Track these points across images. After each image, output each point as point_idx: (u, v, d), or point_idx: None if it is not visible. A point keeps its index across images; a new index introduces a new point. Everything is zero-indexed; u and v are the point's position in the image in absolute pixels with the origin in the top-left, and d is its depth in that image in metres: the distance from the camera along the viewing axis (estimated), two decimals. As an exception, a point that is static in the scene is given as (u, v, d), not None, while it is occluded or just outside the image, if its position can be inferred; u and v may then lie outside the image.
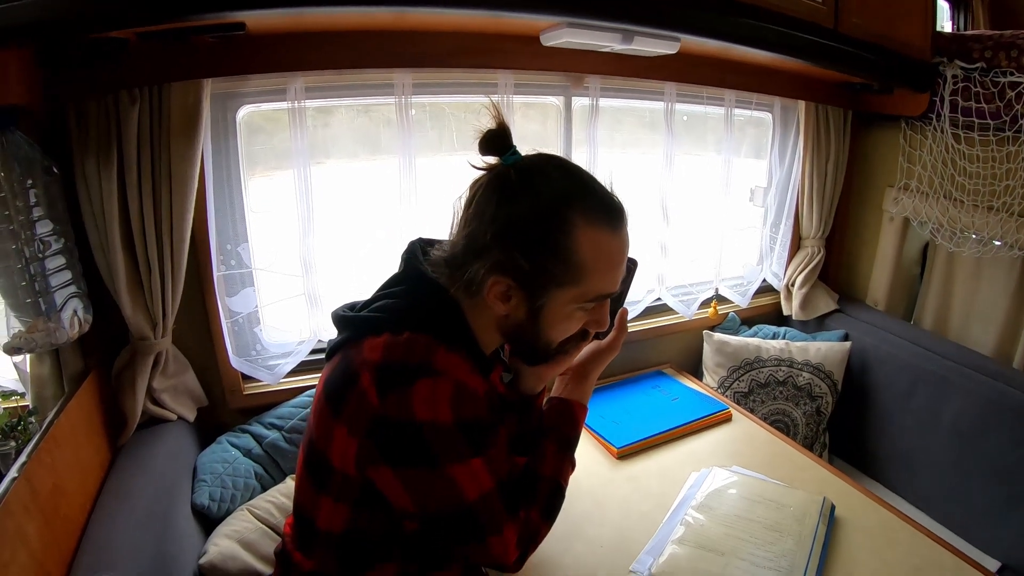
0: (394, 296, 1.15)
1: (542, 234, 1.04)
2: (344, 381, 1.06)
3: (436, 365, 1.03)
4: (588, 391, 1.41)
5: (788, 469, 1.81)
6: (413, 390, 1.00)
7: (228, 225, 1.75)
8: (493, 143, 1.08)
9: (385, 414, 1.00)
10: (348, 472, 1.06)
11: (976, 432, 2.12)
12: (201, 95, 1.52)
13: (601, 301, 1.15)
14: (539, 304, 1.10)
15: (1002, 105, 2.05)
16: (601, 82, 2.06)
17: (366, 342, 1.07)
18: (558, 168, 1.09)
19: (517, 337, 1.18)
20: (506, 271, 1.06)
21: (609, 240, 1.09)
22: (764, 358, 2.50)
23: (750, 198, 2.68)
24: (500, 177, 1.07)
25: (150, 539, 1.30)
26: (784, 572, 1.38)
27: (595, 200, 1.08)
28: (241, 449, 1.71)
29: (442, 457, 1.03)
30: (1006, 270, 2.28)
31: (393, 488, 1.06)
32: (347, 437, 1.04)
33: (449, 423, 1.01)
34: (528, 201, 1.04)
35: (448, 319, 1.12)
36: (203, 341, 1.79)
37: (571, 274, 1.07)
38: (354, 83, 1.78)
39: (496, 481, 1.10)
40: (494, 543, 1.12)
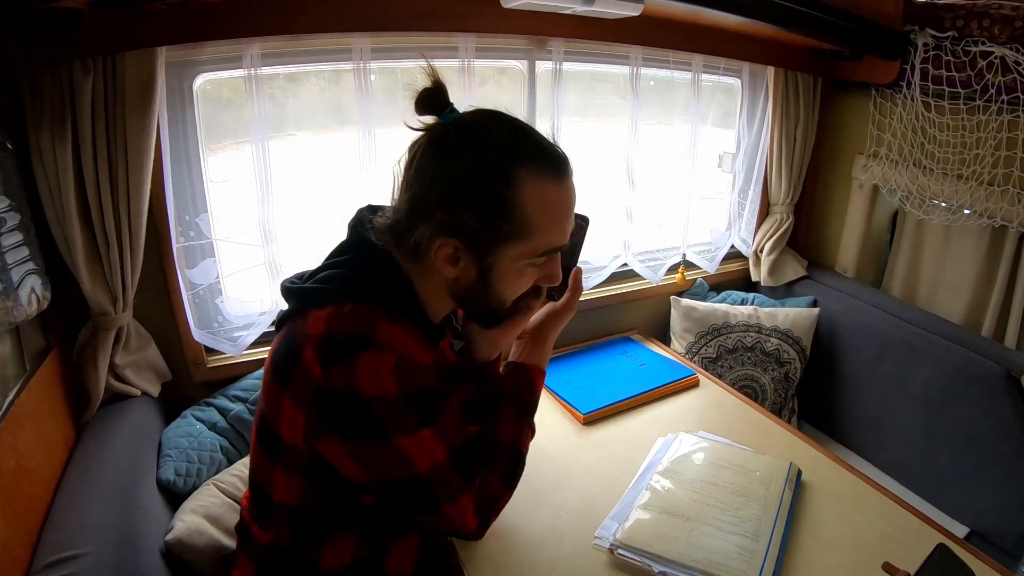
0: (339, 266, 1.13)
1: (487, 191, 1.02)
2: (289, 355, 1.04)
3: (379, 337, 1.02)
4: (546, 355, 1.40)
5: (755, 434, 1.82)
6: (356, 364, 0.98)
7: (187, 196, 1.72)
8: (429, 101, 1.05)
9: (329, 387, 0.99)
10: (298, 445, 1.05)
11: (945, 399, 2.14)
12: (155, 64, 1.48)
13: (552, 255, 1.14)
14: (488, 263, 1.08)
15: (973, 74, 2.04)
16: (565, 45, 2.03)
17: (311, 315, 1.06)
18: (499, 122, 1.07)
19: (469, 299, 1.16)
20: (452, 232, 1.05)
21: (555, 192, 1.07)
22: (732, 324, 2.51)
23: (718, 164, 2.67)
24: (439, 136, 1.05)
25: (116, 516, 1.29)
26: (750, 537, 1.38)
27: (538, 152, 1.06)
28: (206, 423, 1.69)
29: (390, 429, 1.02)
30: (975, 239, 2.29)
31: (343, 460, 1.05)
32: (294, 410, 1.03)
33: (394, 395, 1.00)
34: (470, 158, 1.02)
35: (393, 288, 1.11)
36: (165, 314, 1.76)
37: (519, 229, 1.05)
38: (311, 48, 1.74)
39: (449, 451, 1.09)
40: (450, 512, 1.12)
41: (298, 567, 1.16)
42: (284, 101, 1.83)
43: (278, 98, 1.82)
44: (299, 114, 1.85)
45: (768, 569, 1.30)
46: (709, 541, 1.37)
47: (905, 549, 1.39)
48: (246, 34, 1.58)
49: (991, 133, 2.09)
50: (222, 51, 1.64)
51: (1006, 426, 1.98)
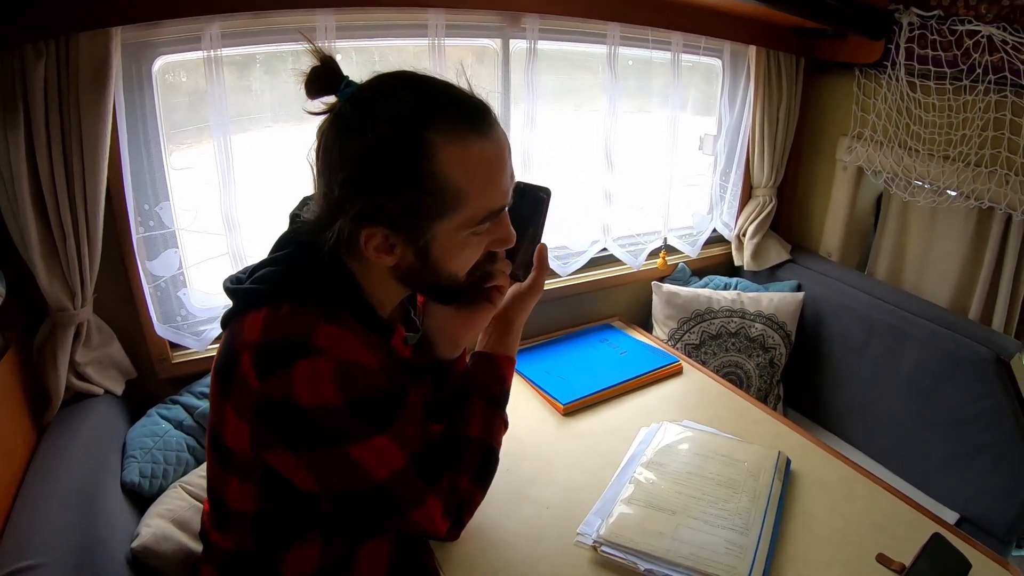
0: (276, 263, 1.05)
1: (400, 167, 0.91)
2: (227, 362, 0.97)
3: (316, 343, 0.93)
4: (514, 342, 1.31)
5: (742, 423, 1.78)
6: (293, 373, 0.91)
7: (146, 184, 1.64)
8: (320, 82, 0.94)
9: (268, 398, 0.92)
10: (245, 454, 0.99)
11: (933, 384, 2.12)
12: (110, 46, 1.41)
13: (495, 218, 1.03)
14: (424, 244, 0.98)
15: (959, 54, 2.00)
16: (540, 22, 1.96)
17: (247, 318, 0.98)
18: (401, 85, 0.95)
19: (418, 283, 1.08)
20: (375, 220, 0.95)
21: (479, 148, 0.95)
22: (715, 309, 2.47)
23: (699, 146, 2.62)
24: (339, 115, 0.94)
25: (78, 522, 1.23)
26: (739, 531, 1.33)
27: (451, 108, 0.94)
28: (172, 421, 1.63)
29: (338, 439, 0.95)
30: (961, 221, 2.26)
31: (294, 471, 0.98)
32: (237, 420, 0.97)
33: (338, 404, 0.92)
34: (374, 133, 0.90)
35: (333, 284, 1.02)
36: (127, 309, 1.69)
37: (448, 202, 0.94)
38: (273, 27, 1.66)
39: (408, 455, 1.02)
40: (417, 517, 1.06)
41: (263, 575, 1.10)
42: (261, 93, 1.77)
43: (254, 89, 1.76)
44: (276, 105, 1.79)
45: (759, 565, 1.25)
46: (696, 536, 1.32)
47: (898, 539, 1.36)
48: (204, 11, 1.50)
49: (978, 113, 2.05)
50: (180, 31, 1.56)
51: (996, 411, 1.97)
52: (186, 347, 1.80)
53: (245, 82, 1.74)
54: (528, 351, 2.12)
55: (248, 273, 1.06)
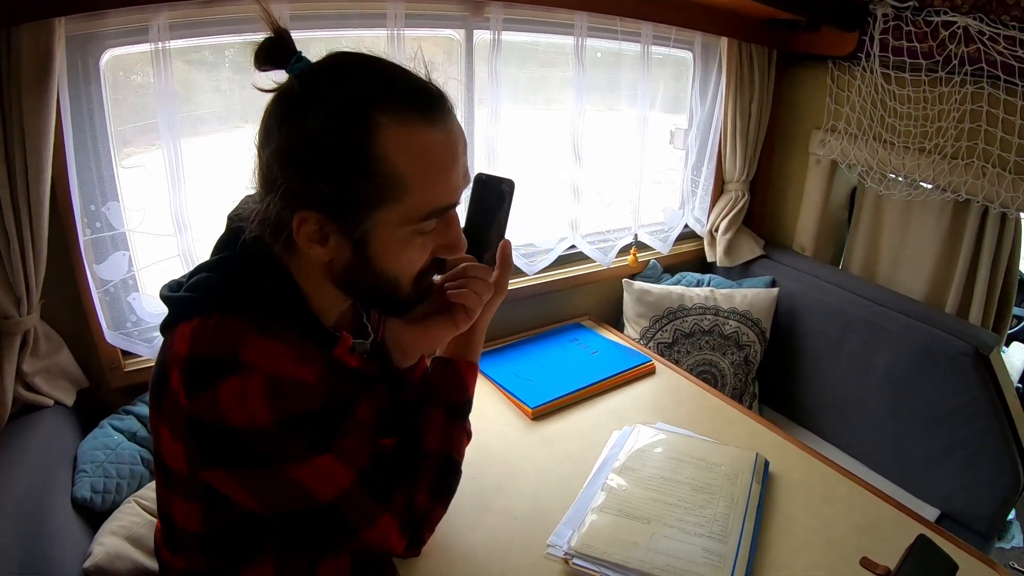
0: (209, 268, 0.98)
1: (339, 144, 0.85)
2: (159, 377, 0.91)
3: (244, 356, 0.87)
4: (477, 345, 1.25)
5: (717, 424, 1.74)
6: (219, 391, 0.84)
7: (93, 183, 1.56)
8: (270, 53, 0.87)
9: (198, 418, 0.85)
10: (183, 472, 0.92)
11: (911, 379, 2.10)
12: (53, 37, 1.33)
13: (442, 216, 0.96)
14: (360, 234, 0.90)
15: (935, 45, 1.98)
16: (504, 11, 1.90)
17: (178, 330, 0.92)
18: (352, 63, 0.89)
19: (354, 284, 0.99)
20: (308, 203, 0.88)
21: (428, 136, 0.89)
22: (688, 307, 2.42)
23: (670, 140, 2.58)
24: (284, 91, 0.88)
25: (26, 543, 1.17)
26: (717, 538, 1.28)
27: (401, 91, 0.88)
28: (125, 432, 1.56)
29: (276, 460, 0.88)
30: (936, 214, 2.24)
31: (235, 491, 0.92)
32: (172, 438, 0.90)
33: (270, 425, 0.86)
34: (317, 110, 0.84)
35: (268, 291, 0.95)
36: (75, 315, 1.61)
37: (388, 188, 0.87)
38: (224, 17, 1.59)
39: (356, 473, 0.96)
40: (370, 536, 1.01)
41: None
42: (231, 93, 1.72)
43: (223, 90, 1.71)
44: (245, 105, 1.72)
45: (739, 574, 1.21)
46: (673, 545, 1.27)
47: (881, 541, 1.33)
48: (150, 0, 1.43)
49: (954, 105, 2.04)
50: (127, 21, 1.49)
51: (975, 405, 1.96)
52: (138, 354, 1.72)
53: (213, 82, 1.69)
54: (495, 352, 2.07)
55: (187, 278, 0.99)
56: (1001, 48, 1.84)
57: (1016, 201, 1.96)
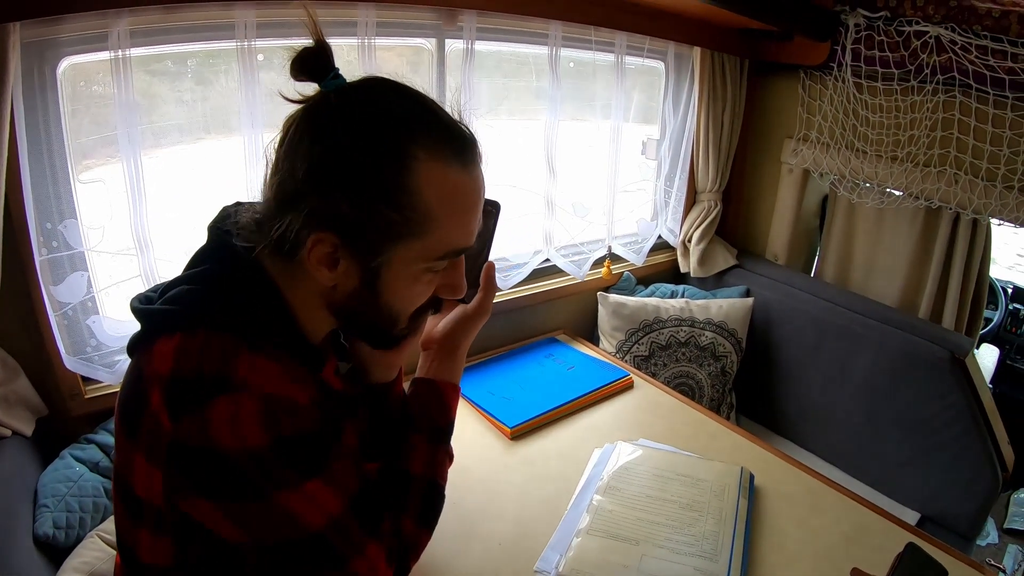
0: (192, 280, 0.92)
1: (373, 171, 0.83)
2: (134, 398, 0.84)
3: (237, 374, 0.82)
4: (458, 367, 1.21)
5: (699, 438, 1.71)
6: (210, 412, 0.79)
7: (49, 199, 1.48)
8: (309, 64, 0.86)
9: (183, 442, 0.80)
10: (158, 504, 0.85)
11: (887, 385, 2.11)
12: (7, 44, 1.26)
13: (454, 258, 0.95)
14: (375, 266, 0.88)
15: (907, 54, 1.98)
16: (477, 20, 1.86)
17: (157, 345, 0.85)
18: (392, 91, 0.88)
19: (352, 313, 0.96)
20: (328, 224, 0.84)
21: (460, 179, 0.89)
22: (664, 319, 2.40)
23: (642, 151, 2.56)
24: (318, 105, 0.86)
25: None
26: (708, 557, 1.25)
27: (441, 129, 0.87)
28: (87, 463, 1.48)
29: (266, 488, 0.83)
30: (908, 221, 2.26)
31: (217, 522, 0.85)
32: (147, 465, 0.83)
33: (264, 448, 0.80)
34: (353, 130, 0.82)
35: (259, 305, 0.90)
36: (32, 340, 1.52)
37: (414, 223, 0.86)
38: (188, 24, 1.53)
39: (345, 499, 0.91)
40: (358, 567, 0.94)
41: None
42: (193, 104, 1.66)
43: (186, 101, 1.65)
44: (208, 117, 1.67)
45: (731, 593, 1.18)
46: (663, 566, 1.24)
47: (870, 550, 1.33)
48: (109, 4, 1.36)
49: (926, 114, 2.04)
50: (85, 27, 1.41)
51: (952, 409, 1.98)
52: (99, 380, 1.64)
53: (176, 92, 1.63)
54: (470, 371, 2.00)
55: (160, 292, 0.93)
56: (972, 57, 1.85)
57: (988, 207, 1.97)
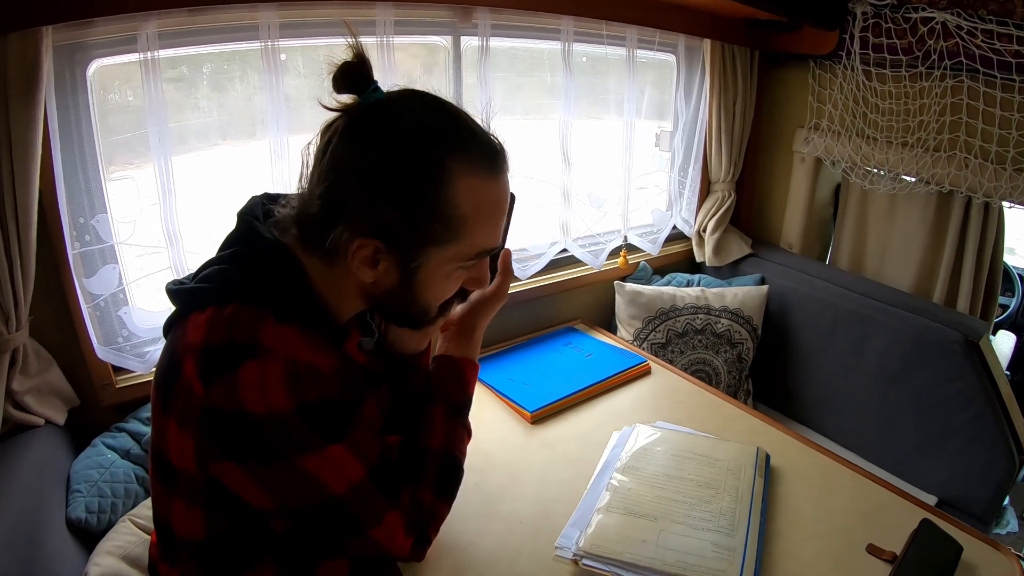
0: (223, 261, 0.99)
1: (415, 185, 0.90)
2: (169, 369, 0.91)
3: (263, 341, 0.88)
4: (476, 346, 1.28)
5: (715, 420, 1.74)
6: (239, 376, 0.85)
7: (81, 195, 1.54)
8: (350, 78, 0.91)
9: (214, 406, 0.85)
10: (191, 471, 0.91)
11: (902, 369, 2.12)
12: (40, 47, 1.31)
13: (484, 257, 1.04)
14: (413, 267, 0.96)
15: (914, 41, 2.00)
16: (491, 17, 1.90)
17: (190, 320, 0.92)
18: (429, 106, 0.95)
19: (388, 304, 1.03)
20: (373, 232, 0.92)
21: (492, 189, 0.97)
22: (680, 307, 2.43)
23: (656, 143, 2.59)
24: (360, 119, 0.91)
25: (20, 567, 1.14)
26: (725, 532, 1.28)
27: (474, 143, 0.94)
28: (118, 451, 1.53)
29: (290, 450, 0.88)
30: (921, 206, 2.27)
31: (244, 486, 0.91)
32: (180, 433, 0.89)
33: (288, 411, 0.86)
34: (397, 146, 0.89)
35: (284, 283, 0.96)
36: (66, 331, 1.58)
37: (451, 230, 0.94)
38: (214, 26, 1.58)
39: (366, 467, 0.97)
40: (377, 534, 1.00)
41: None
42: (209, 111, 1.71)
43: (202, 107, 1.70)
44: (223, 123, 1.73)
45: (749, 565, 1.20)
46: (681, 541, 1.26)
47: (886, 528, 1.33)
48: (138, 8, 1.41)
49: (935, 99, 2.06)
50: (115, 31, 1.47)
51: (967, 392, 1.98)
52: (130, 370, 1.69)
53: (192, 99, 1.68)
54: (490, 358, 2.05)
55: (192, 276, 0.99)
56: (979, 42, 1.86)
57: (999, 190, 1.98)
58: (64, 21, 1.36)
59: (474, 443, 1.26)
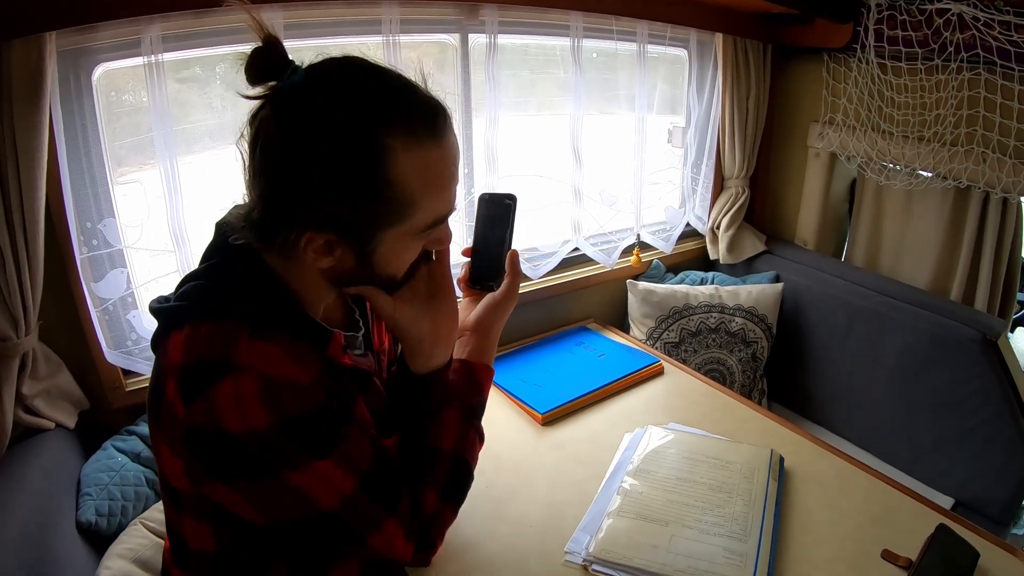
0: (198, 275, 0.96)
1: (354, 172, 0.85)
2: (155, 390, 0.90)
3: (237, 359, 0.85)
4: (491, 350, 1.24)
5: (729, 422, 1.72)
6: (216, 394, 0.83)
7: (88, 200, 1.54)
8: (262, 64, 0.84)
9: (195, 426, 0.83)
10: (187, 490, 0.90)
11: (919, 368, 2.09)
12: (44, 52, 1.31)
13: (440, 224, 0.99)
14: (368, 249, 0.92)
15: (930, 33, 1.97)
16: (499, 13, 1.88)
17: (171, 339, 0.90)
18: (353, 78, 0.87)
19: (352, 282, 1.01)
20: (318, 224, 0.88)
21: (436, 155, 0.90)
22: (693, 305, 2.41)
23: (668, 139, 2.57)
24: (282, 105, 0.85)
25: (27, 569, 1.14)
26: (737, 537, 1.26)
27: (411, 111, 0.87)
28: (129, 454, 1.53)
29: (275, 467, 0.86)
30: (938, 202, 2.23)
31: (236, 503, 0.90)
32: (171, 454, 0.88)
33: (267, 427, 0.84)
34: (326, 131, 0.82)
35: (257, 291, 0.94)
36: (74, 335, 1.58)
37: (401, 210, 0.89)
38: (217, 28, 1.56)
39: (358, 477, 0.94)
40: (376, 542, 0.98)
41: None
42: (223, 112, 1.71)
43: (215, 108, 1.70)
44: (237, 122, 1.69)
45: (761, 572, 1.19)
46: (693, 546, 1.25)
47: (901, 532, 1.31)
48: (141, 11, 1.40)
49: (951, 92, 2.02)
50: (119, 34, 1.47)
51: (985, 392, 1.95)
52: (139, 373, 1.69)
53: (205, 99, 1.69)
54: (501, 359, 2.03)
55: (174, 291, 0.98)
56: (996, 33, 1.83)
57: (1017, 186, 1.95)
58: (67, 26, 1.36)
59: (485, 445, 1.24)
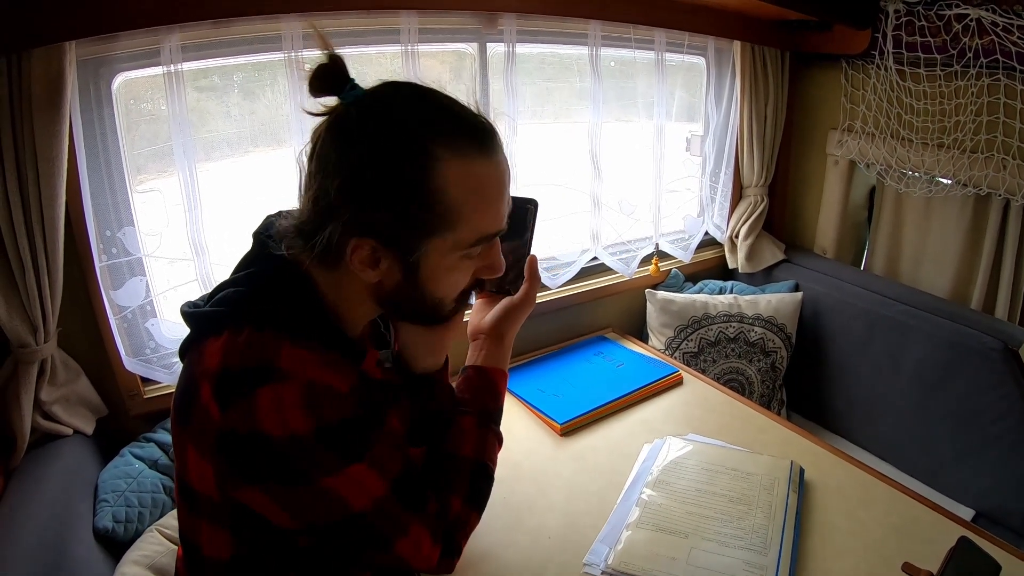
0: (238, 283, 0.98)
1: (400, 177, 0.87)
2: (186, 395, 0.90)
3: (279, 364, 0.87)
4: (506, 355, 1.26)
5: (748, 432, 1.70)
6: (256, 401, 0.83)
7: (107, 208, 1.55)
8: (325, 80, 0.89)
9: (231, 430, 0.84)
10: (212, 495, 0.90)
11: (939, 377, 2.06)
12: (64, 62, 1.32)
13: (488, 242, 0.99)
14: (414, 260, 0.93)
15: (948, 39, 1.96)
16: (517, 22, 1.88)
17: (206, 345, 0.91)
18: (408, 95, 0.92)
19: (399, 304, 1.01)
20: (366, 230, 0.89)
21: (483, 169, 0.92)
22: (712, 315, 2.39)
23: (686, 147, 2.56)
24: (340, 118, 0.89)
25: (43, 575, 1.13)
26: (757, 550, 1.25)
27: (457, 124, 0.91)
28: (146, 461, 1.53)
29: (311, 472, 0.87)
30: (958, 209, 2.21)
31: (267, 508, 0.90)
32: (199, 459, 0.88)
33: (307, 433, 0.85)
34: (377, 140, 0.86)
35: (298, 304, 0.95)
36: (93, 342, 1.59)
37: (445, 219, 0.90)
38: (236, 37, 1.58)
39: (389, 482, 0.95)
40: (402, 546, 0.98)
41: None
42: (241, 119, 1.72)
43: (233, 116, 1.71)
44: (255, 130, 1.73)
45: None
46: (713, 559, 1.24)
47: (922, 544, 1.30)
48: (161, 21, 1.41)
49: (971, 98, 2.01)
50: (138, 44, 1.48)
51: (1006, 401, 1.92)
52: (157, 381, 1.70)
53: (223, 107, 1.69)
54: (520, 369, 2.03)
55: (206, 299, 0.99)
56: (1015, 39, 1.82)
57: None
58: (86, 36, 1.36)
59: (502, 455, 1.24)
